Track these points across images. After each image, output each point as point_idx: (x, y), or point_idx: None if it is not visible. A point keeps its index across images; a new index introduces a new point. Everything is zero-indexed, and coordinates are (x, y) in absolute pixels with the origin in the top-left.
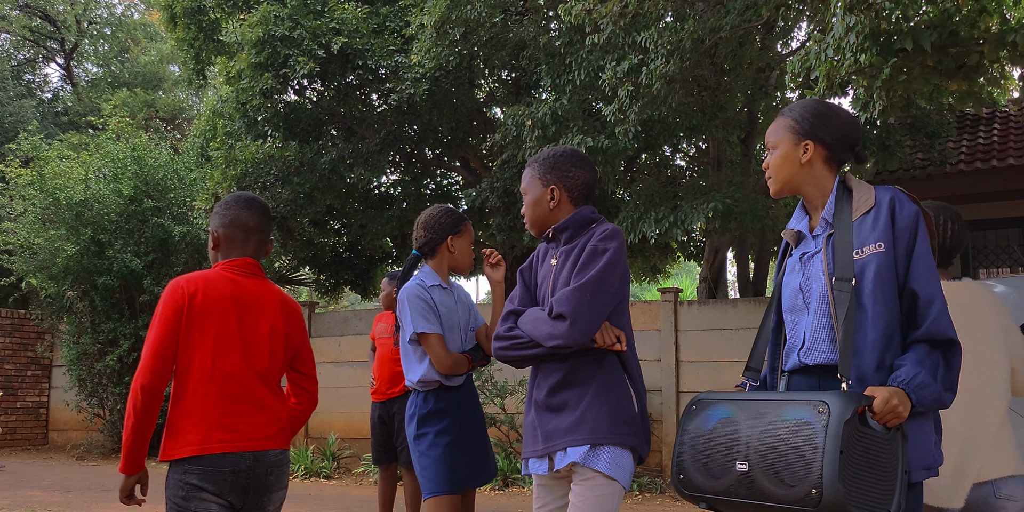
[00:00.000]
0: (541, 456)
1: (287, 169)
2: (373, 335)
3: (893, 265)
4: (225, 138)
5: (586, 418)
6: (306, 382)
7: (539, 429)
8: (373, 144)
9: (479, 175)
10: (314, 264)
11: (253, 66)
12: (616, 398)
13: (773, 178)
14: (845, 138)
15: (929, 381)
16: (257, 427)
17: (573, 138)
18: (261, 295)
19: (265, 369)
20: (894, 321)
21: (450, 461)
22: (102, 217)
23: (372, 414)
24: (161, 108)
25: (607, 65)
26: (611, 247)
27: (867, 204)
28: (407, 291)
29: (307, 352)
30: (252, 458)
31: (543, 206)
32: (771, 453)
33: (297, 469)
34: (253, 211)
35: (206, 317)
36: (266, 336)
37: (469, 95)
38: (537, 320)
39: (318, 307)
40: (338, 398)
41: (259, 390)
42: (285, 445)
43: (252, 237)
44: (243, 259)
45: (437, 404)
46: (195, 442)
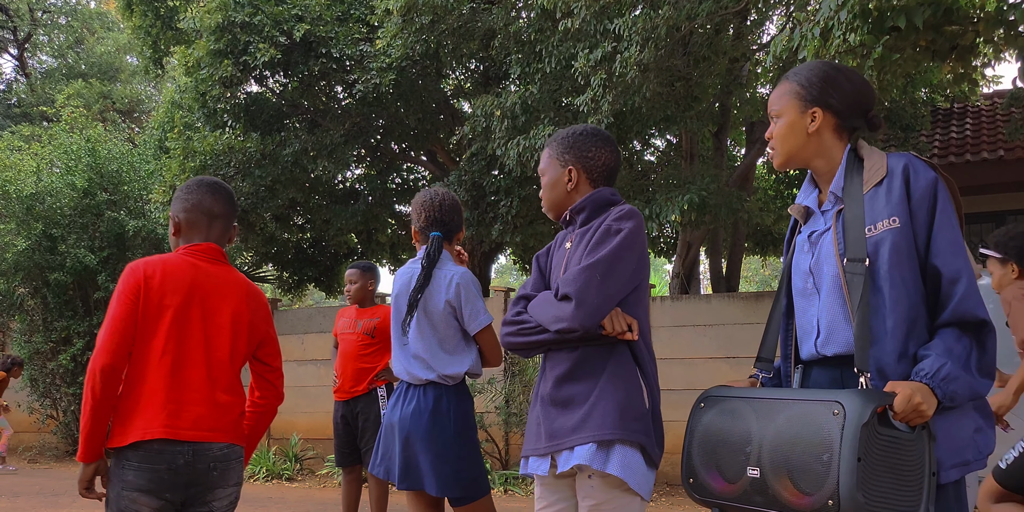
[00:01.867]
0: (543, 455)
1: (248, 161)
2: (336, 331)
3: (911, 241)
4: (183, 129)
5: (592, 414)
6: (270, 374)
7: (543, 426)
8: (337, 136)
9: (447, 169)
10: (277, 260)
11: (212, 53)
12: (626, 392)
13: (777, 150)
14: (857, 103)
15: (958, 373)
16: (204, 417)
17: (544, 129)
18: (223, 282)
19: (224, 357)
20: (916, 304)
21: (481, 459)
22: (54, 211)
23: (335, 414)
24: (118, 100)
25: (579, 53)
26: (626, 227)
27: (879, 174)
28: (466, 277)
29: (272, 343)
30: (191, 451)
31: (560, 188)
32: (785, 458)
33: (259, 471)
34: (217, 196)
35: (163, 300)
36: (227, 324)
37: (436, 86)
38: (544, 302)
39: (281, 305)
40: (301, 397)
41: (214, 379)
42: (235, 439)
43: (215, 223)
44: (206, 244)
45: (468, 400)
46: (140, 427)
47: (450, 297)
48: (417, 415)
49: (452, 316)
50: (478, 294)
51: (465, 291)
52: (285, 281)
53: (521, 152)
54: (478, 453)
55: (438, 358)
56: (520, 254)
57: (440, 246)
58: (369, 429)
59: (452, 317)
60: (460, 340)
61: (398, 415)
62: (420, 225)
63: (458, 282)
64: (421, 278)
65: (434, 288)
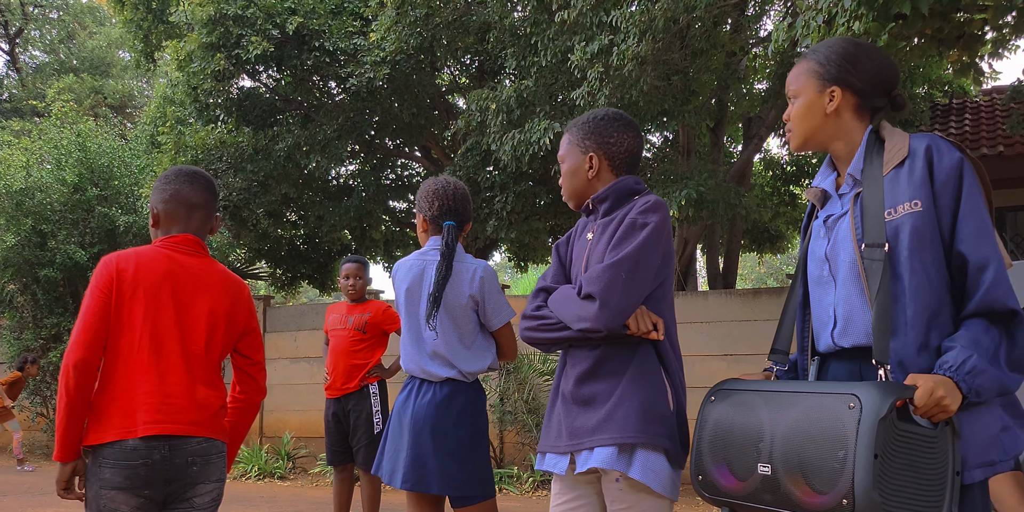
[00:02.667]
0: (562, 453)
1: (240, 156)
2: (326, 327)
3: (935, 226)
4: (175, 123)
5: (614, 415)
6: (251, 367)
7: (563, 423)
8: (331, 131)
9: (441, 165)
10: (270, 257)
11: (204, 47)
12: (649, 394)
13: (794, 131)
14: (879, 81)
15: (984, 366)
16: (183, 411)
17: (539, 123)
18: (201, 274)
19: (201, 351)
20: (939, 293)
21: (490, 460)
22: (44, 206)
23: (326, 412)
24: (109, 95)
25: (576, 46)
26: (652, 221)
27: (900, 155)
28: (489, 270)
29: (254, 336)
30: (167, 447)
31: (581, 176)
32: (797, 454)
33: (251, 469)
34: (196, 186)
35: (136, 294)
36: (204, 316)
37: (431, 81)
38: (566, 299)
39: (274, 302)
40: (293, 395)
41: (192, 373)
42: (215, 434)
43: (195, 213)
44: (183, 236)
45: (482, 398)
46: (117, 425)
47: (473, 291)
48: (433, 409)
49: (473, 310)
50: (500, 288)
51: (489, 284)
52: (278, 278)
53: (516, 145)
54: (488, 453)
55: (459, 355)
56: (515, 251)
57: (456, 236)
58: (361, 426)
59: (472, 311)
60: (479, 334)
61: (411, 409)
62: (432, 214)
63: (482, 276)
64: (443, 269)
65: (456, 281)
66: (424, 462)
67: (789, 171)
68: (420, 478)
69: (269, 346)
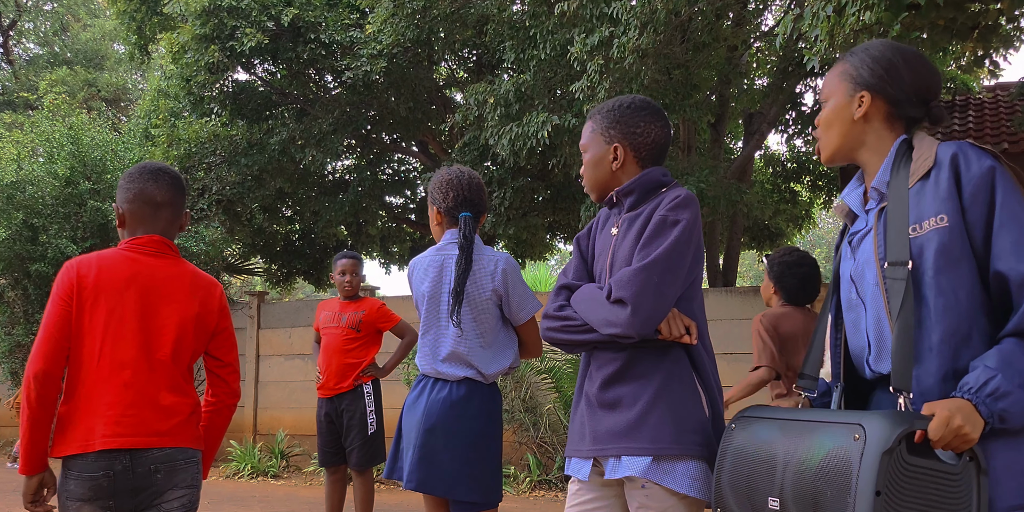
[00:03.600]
0: (586, 457)
1: (234, 149)
2: (317, 325)
3: (965, 242)
4: (168, 116)
5: (645, 422)
6: (221, 369)
7: (587, 427)
8: (326, 124)
9: (438, 160)
10: (265, 253)
11: (198, 38)
12: (681, 399)
13: (821, 138)
14: (915, 89)
15: (1010, 388)
16: (145, 422)
17: (538, 116)
18: (167, 276)
19: (168, 357)
20: (969, 316)
21: (501, 465)
22: (35, 200)
23: (318, 411)
24: (103, 88)
25: (575, 38)
26: (684, 218)
27: (926, 165)
28: (511, 262)
29: (224, 336)
30: (128, 457)
31: (604, 167)
32: (807, 489)
33: (244, 468)
34: (160, 183)
35: (98, 300)
36: (171, 320)
37: (428, 75)
38: (592, 301)
39: (268, 298)
40: (288, 393)
41: (156, 380)
42: (184, 442)
43: (161, 212)
44: (148, 237)
45: (499, 399)
46: (79, 439)
47: (496, 285)
48: (447, 407)
49: (495, 305)
50: (523, 280)
51: (512, 277)
52: (273, 274)
53: (514, 139)
54: (500, 460)
55: (478, 354)
56: (513, 247)
57: (474, 228)
58: (355, 427)
59: (496, 306)
60: (501, 331)
61: (423, 405)
62: (447, 205)
63: (504, 268)
64: (463, 263)
65: (477, 275)
66: (432, 462)
67: (790, 168)
68: (426, 478)
69: (263, 343)
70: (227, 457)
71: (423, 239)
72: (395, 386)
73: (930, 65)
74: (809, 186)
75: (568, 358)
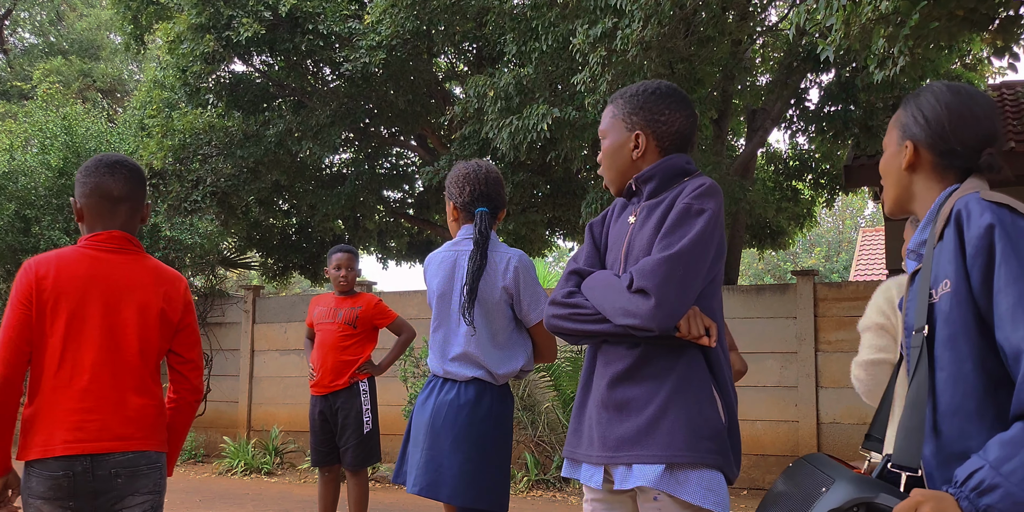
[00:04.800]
0: (596, 464)
1: (230, 141)
2: (311, 321)
3: (967, 308)
4: (163, 106)
5: (657, 428)
6: (183, 366)
7: (596, 430)
8: (324, 117)
9: (437, 154)
10: (261, 247)
11: (193, 28)
12: (697, 404)
13: (883, 188)
14: (963, 137)
15: (998, 482)
16: (107, 426)
17: (538, 109)
18: (128, 273)
19: (134, 357)
20: (976, 392)
21: (509, 471)
22: (28, 191)
23: (312, 409)
24: (99, 78)
25: (578, 29)
26: (709, 208)
27: (942, 221)
28: (525, 260)
29: (188, 332)
30: (89, 460)
31: (624, 155)
32: None
33: (236, 464)
34: (117, 176)
35: (58, 302)
36: (133, 319)
37: (427, 68)
38: (609, 289)
39: (264, 292)
40: (282, 388)
41: (121, 383)
42: (150, 445)
43: (120, 207)
44: (108, 232)
45: (510, 402)
46: (40, 444)
47: (507, 283)
48: (455, 410)
49: (507, 305)
50: (537, 279)
51: (524, 275)
52: (270, 268)
53: (513, 133)
54: (509, 466)
55: (489, 354)
56: (511, 243)
57: (490, 223)
58: (350, 426)
59: (507, 306)
60: (514, 332)
61: (431, 406)
62: (463, 200)
63: (516, 265)
64: (477, 259)
65: (488, 272)
66: (439, 466)
67: (792, 166)
68: (432, 483)
69: (258, 337)
70: (220, 453)
71: (421, 234)
72: (390, 383)
73: (985, 110)
74: (811, 184)
75: (567, 356)
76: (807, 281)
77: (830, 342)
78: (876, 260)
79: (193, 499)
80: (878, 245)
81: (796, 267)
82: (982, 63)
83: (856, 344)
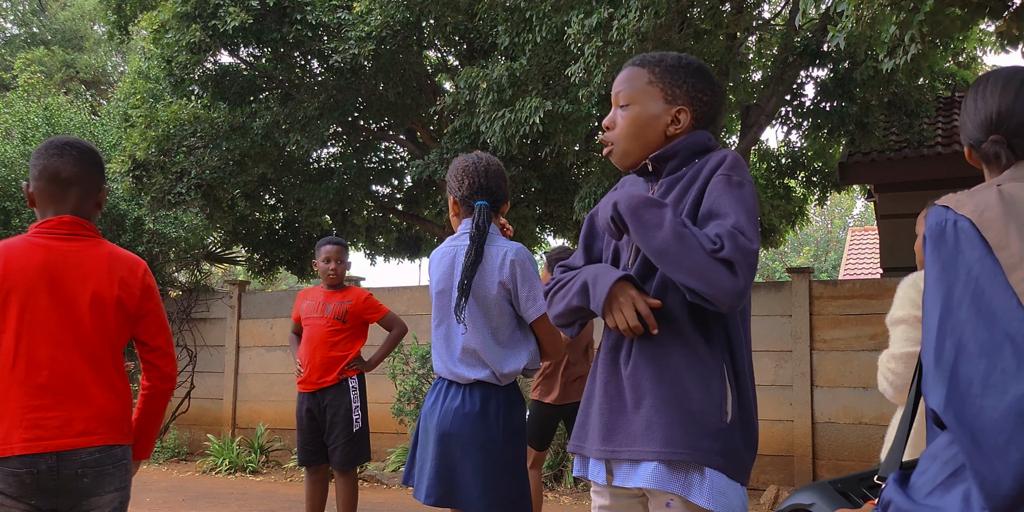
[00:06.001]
0: (599, 458)
1: (216, 132)
2: (297, 315)
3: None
4: (147, 97)
5: (658, 421)
6: (150, 354)
7: (599, 421)
8: (312, 109)
9: (427, 148)
10: (247, 242)
11: (178, 17)
12: (708, 396)
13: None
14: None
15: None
16: (69, 422)
17: (531, 101)
18: (83, 260)
19: (90, 349)
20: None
21: (527, 474)
22: (8, 183)
23: (299, 407)
24: (82, 69)
25: (573, 20)
26: (747, 180)
27: None
28: (522, 253)
29: (150, 319)
30: (55, 457)
31: (657, 128)
32: None
33: (221, 463)
34: (66, 158)
35: (9, 296)
36: (89, 309)
37: (418, 60)
38: (686, 239)
39: (249, 287)
40: (268, 385)
41: (78, 377)
42: (115, 440)
43: (70, 190)
44: (59, 218)
45: (520, 403)
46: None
47: (504, 278)
48: (461, 416)
49: (506, 301)
50: (536, 273)
51: (522, 270)
52: (256, 263)
53: (505, 126)
54: (525, 468)
55: (492, 353)
56: None
57: (489, 217)
58: (339, 424)
59: (506, 302)
60: (515, 329)
61: (437, 414)
62: (462, 194)
63: (513, 259)
64: (471, 254)
65: (485, 268)
66: (451, 475)
67: (785, 164)
68: (446, 493)
69: (244, 333)
70: (204, 451)
71: (410, 230)
72: (379, 380)
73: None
74: (804, 182)
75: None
76: (802, 279)
77: (825, 341)
78: (866, 260)
79: (176, 498)
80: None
81: (785, 266)
82: (976, 61)
83: (852, 343)
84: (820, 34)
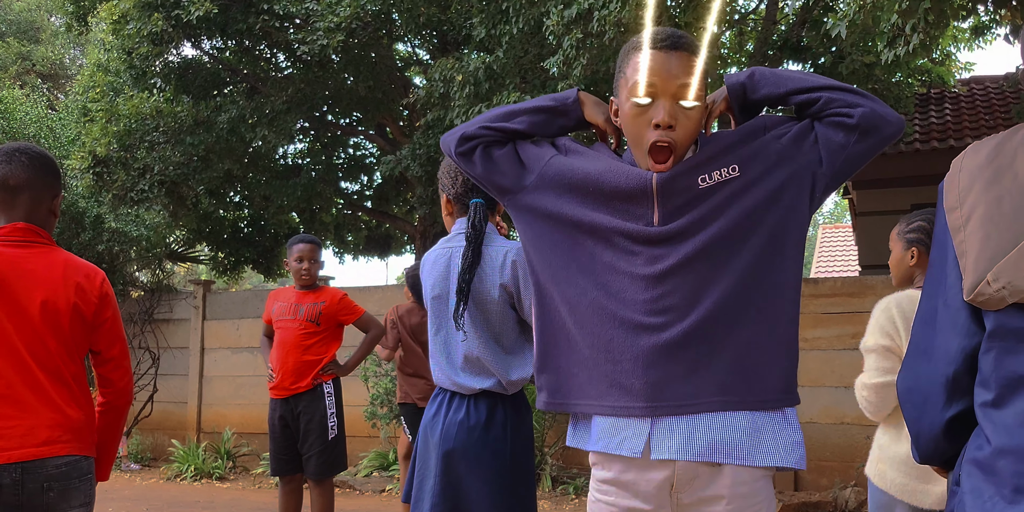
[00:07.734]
0: (641, 416)
1: (179, 127)
2: (268, 317)
3: None
4: (107, 90)
5: (746, 365)
6: (103, 366)
7: (636, 368)
8: (279, 103)
9: (397, 145)
10: (211, 240)
11: (140, 6)
12: (792, 345)
13: None
14: None
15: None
16: (28, 431)
17: (509, 96)
18: (35, 268)
19: (43, 358)
20: None
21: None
22: None
23: (271, 414)
24: (38, 62)
25: (552, 10)
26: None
27: None
28: (523, 253)
29: (106, 327)
30: (20, 470)
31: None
32: None
33: (186, 469)
34: (14, 164)
35: None
36: (44, 318)
37: (388, 53)
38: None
39: (214, 287)
40: (235, 388)
41: (33, 386)
42: (80, 449)
43: (20, 196)
44: (12, 225)
45: (527, 411)
46: None
47: (505, 280)
48: (466, 429)
49: (508, 304)
50: None
51: (523, 270)
52: (220, 262)
53: None
54: (533, 480)
55: (497, 360)
56: None
57: (485, 215)
58: (313, 431)
59: (508, 305)
60: (520, 334)
61: (440, 427)
62: (456, 191)
63: (514, 259)
64: (469, 255)
65: (484, 269)
66: (456, 492)
67: None
68: (452, 509)
69: (208, 335)
70: (168, 457)
71: (380, 228)
72: (353, 383)
73: None
74: None
75: None
76: None
77: (807, 340)
78: (838, 257)
79: (140, 508)
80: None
81: None
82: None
83: (835, 342)
84: (799, 28)
